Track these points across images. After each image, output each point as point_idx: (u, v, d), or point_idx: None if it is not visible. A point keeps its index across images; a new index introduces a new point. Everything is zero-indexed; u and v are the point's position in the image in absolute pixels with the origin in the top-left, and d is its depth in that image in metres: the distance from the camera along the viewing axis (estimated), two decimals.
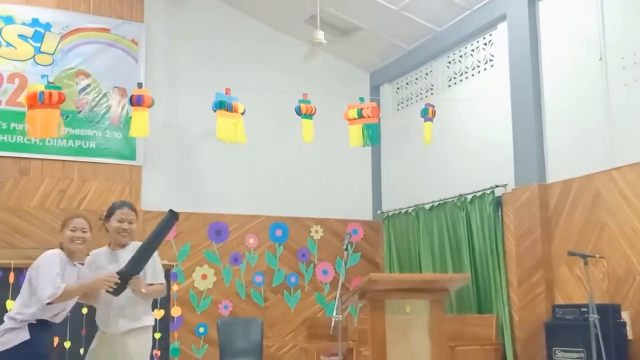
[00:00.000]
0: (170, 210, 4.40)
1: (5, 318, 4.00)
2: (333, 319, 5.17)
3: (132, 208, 4.47)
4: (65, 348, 6.45)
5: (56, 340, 6.11)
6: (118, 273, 4.07)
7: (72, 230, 4.17)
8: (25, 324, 3.93)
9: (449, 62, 8.56)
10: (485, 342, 7.07)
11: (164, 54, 8.67)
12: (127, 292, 4.17)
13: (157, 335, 6.44)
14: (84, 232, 4.23)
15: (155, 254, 4.36)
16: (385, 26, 8.67)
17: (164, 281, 4.46)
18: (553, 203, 6.88)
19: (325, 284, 9.04)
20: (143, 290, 4.20)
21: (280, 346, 8.54)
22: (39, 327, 3.99)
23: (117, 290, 4.09)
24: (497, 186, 7.39)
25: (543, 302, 6.82)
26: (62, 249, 4.17)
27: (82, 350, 6.28)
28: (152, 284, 4.30)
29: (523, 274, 7.02)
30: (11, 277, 6.12)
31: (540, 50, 7.19)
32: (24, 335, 3.91)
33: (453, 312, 7.66)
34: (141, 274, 4.21)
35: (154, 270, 4.36)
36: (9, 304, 6.02)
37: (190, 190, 8.48)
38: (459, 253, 7.85)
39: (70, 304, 4.18)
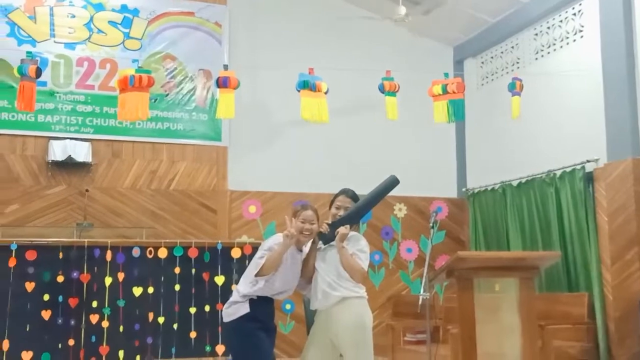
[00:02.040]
0: (393, 175, 4.72)
1: (234, 292, 4.50)
2: (420, 297, 5.19)
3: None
4: None
5: None
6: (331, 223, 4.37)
7: (302, 222, 4.39)
8: (247, 299, 4.33)
9: (536, 35, 8.33)
10: (576, 320, 6.91)
11: (247, 35, 8.79)
12: (331, 265, 4.35)
13: None
14: (312, 224, 4.44)
15: (365, 242, 4.48)
16: None
17: (362, 263, 4.42)
18: None
19: (410, 261, 9.04)
20: (344, 244, 4.31)
21: None
22: (259, 302, 4.36)
23: (326, 237, 4.36)
24: (588, 161, 7.17)
25: (638, 281, 6.64)
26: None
27: None
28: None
29: (616, 251, 6.82)
30: (108, 255, 6.34)
31: (634, 19, 6.89)
32: (245, 309, 4.31)
33: (543, 291, 7.52)
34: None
35: (354, 247, 4.42)
36: (107, 280, 6.32)
37: (275, 170, 8.62)
38: (548, 230, 7.68)
39: (293, 284, 4.51)
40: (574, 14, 7.73)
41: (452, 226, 9.25)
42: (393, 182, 4.72)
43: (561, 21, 7.92)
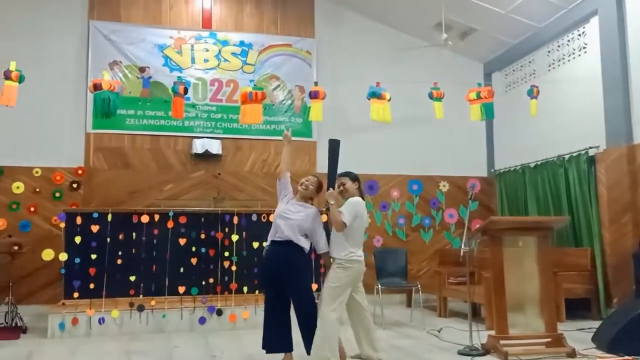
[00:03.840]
0: (329, 140, 4.59)
1: None
2: (461, 250, 5.11)
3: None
4: None
5: None
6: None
7: (306, 180, 4.59)
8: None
9: (549, 51, 7.97)
10: (581, 269, 6.69)
11: (329, 59, 8.78)
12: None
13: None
14: (307, 181, 4.56)
15: (355, 203, 4.40)
16: (496, 26, 8.21)
17: (342, 216, 4.28)
18: (639, 160, 6.30)
19: (451, 224, 8.89)
20: (330, 200, 4.33)
21: (419, 269, 8.56)
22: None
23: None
24: (590, 147, 6.87)
25: (630, 239, 6.34)
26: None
27: None
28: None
29: (613, 215, 6.53)
30: (235, 219, 6.45)
31: (627, 36, 6.53)
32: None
33: (555, 246, 7.26)
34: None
35: (343, 207, 4.37)
36: (234, 237, 6.37)
37: (352, 157, 8.55)
38: (559, 201, 7.40)
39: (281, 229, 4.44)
40: (579, 35, 7.35)
41: (483, 198, 9.02)
42: (335, 146, 4.61)
43: (569, 40, 7.55)
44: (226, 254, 6.38)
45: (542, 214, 7.61)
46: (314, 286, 5.57)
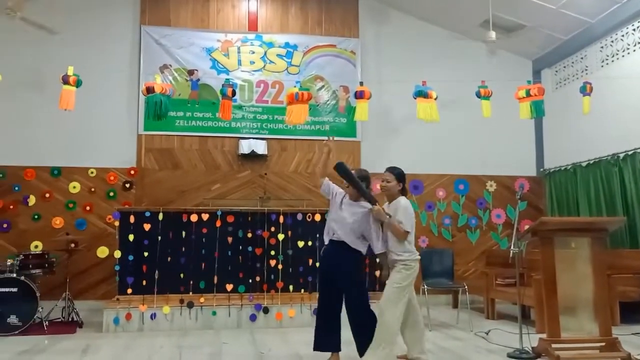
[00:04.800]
0: (336, 164, 4.36)
1: None
2: (511, 251, 5.00)
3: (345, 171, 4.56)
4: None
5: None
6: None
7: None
8: None
9: (602, 47, 7.69)
10: (636, 271, 6.42)
11: (374, 59, 8.75)
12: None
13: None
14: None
15: (405, 208, 4.33)
16: (545, 22, 7.98)
17: (404, 226, 4.25)
18: None
19: (499, 224, 8.70)
20: (383, 219, 4.24)
21: (465, 270, 8.42)
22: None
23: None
24: None
25: None
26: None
27: None
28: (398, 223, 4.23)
29: None
30: (281, 219, 6.49)
31: None
32: None
33: (607, 247, 7.01)
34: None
35: (395, 215, 4.30)
36: (280, 236, 6.43)
37: (395, 157, 8.52)
38: (612, 201, 7.14)
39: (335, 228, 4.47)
40: (634, 30, 7.07)
41: (532, 198, 8.79)
42: (341, 167, 4.38)
43: (623, 35, 7.27)
44: (272, 252, 6.44)
45: (594, 215, 7.36)
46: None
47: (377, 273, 5.83)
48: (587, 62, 8.02)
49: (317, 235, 6.61)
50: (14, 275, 5.79)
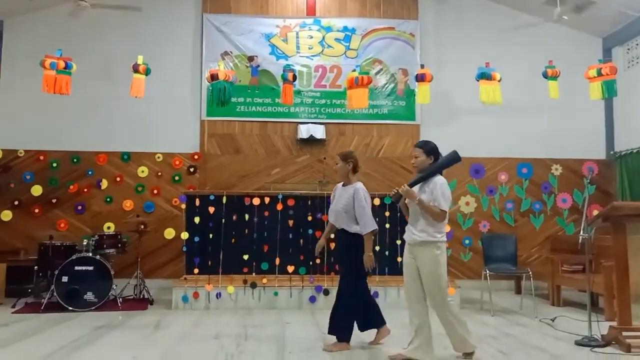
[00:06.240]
0: (455, 151, 4.10)
1: None
2: (580, 237, 4.84)
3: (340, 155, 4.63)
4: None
5: None
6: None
7: None
8: None
9: None
10: None
11: (433, 41, 8.59)
12: (415, 207, 3.99)
13: None
14: (336, 164, 4.66)
15: (443, 184, 3.94)
16: None
17: (440, 206, 3.89)
18: None
19: (564, 209, 8.40)
20: (414, 200, 3.91)
21: (529, 256, 8.21)
22: None
23: (395, 196, 4.02)
24: None
25: None
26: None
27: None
28: (429, 203, 3.90)
29: None
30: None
31: None
32: None
33: None
34: (418, 189, 3.99)
35: (431, 193, 3.92)
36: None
37: (455, 140, 8.34)
38: None
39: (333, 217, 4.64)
40: None
41: (601, 181, 8.43)
42: (454, 159, 4.05)
43: None
44: (332, 235, 6.43)
45: None
46: None
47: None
48: None
49: (376, 219, 6.61)
50: (90, 254, 6.14)
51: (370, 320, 4.57)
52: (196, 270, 6.39)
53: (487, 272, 6.24)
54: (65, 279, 5.95)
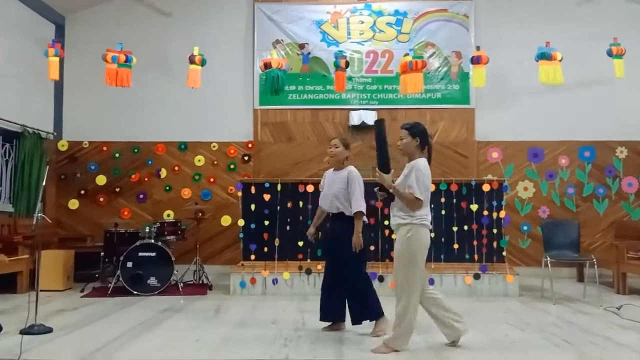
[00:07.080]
0: (376, 121, 4.06)
1: None
2: None
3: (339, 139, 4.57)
4: None
5: None
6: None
7: (329, 148, 4.73)
8: None
9: None
10: None
11: (488, 21, 8.32)
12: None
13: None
14: (330, 148, 4.63)
15: (420, 169, 3.79)
16: None
17: (415, 193, 3.74)
18: None
19: (630, 194, 8.02)
20: (389, 188, 3.79)
21: (591, 242, 7.90)
22: None
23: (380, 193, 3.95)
24: None
25: None
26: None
27: None
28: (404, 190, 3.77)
29: None
30: None
31: None
32: None
33: None
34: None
35: (407, 179, 3.81)
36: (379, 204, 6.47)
37: (511, 123, 8.18)
38: None
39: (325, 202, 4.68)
40: None
41: None
42: (380, 129, 3.93)
43: None
44: (386, 222, 6.44)
45: None
46: None
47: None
48: None
49: (432, 206, 6.53)
50: (152, 241, 6.38)
51: (364, 312, 4.50)
52: (253, 257, 6.52)
53: (548, 259, 6.06)
54: (130, 264, 6.21)
